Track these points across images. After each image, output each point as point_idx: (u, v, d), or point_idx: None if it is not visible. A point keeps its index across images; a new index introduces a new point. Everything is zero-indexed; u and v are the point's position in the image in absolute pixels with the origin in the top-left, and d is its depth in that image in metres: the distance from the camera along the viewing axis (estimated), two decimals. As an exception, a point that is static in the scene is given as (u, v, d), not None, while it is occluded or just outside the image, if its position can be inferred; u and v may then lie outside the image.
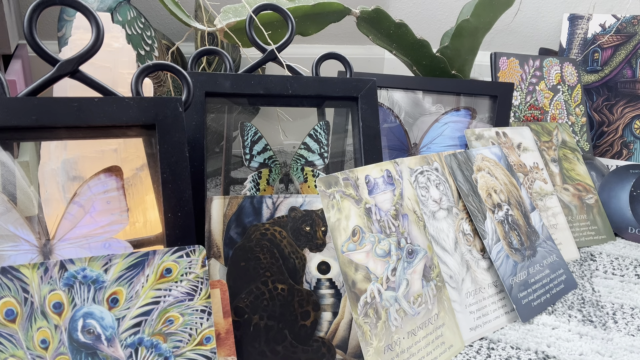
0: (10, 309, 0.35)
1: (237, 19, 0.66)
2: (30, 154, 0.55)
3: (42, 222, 0.46)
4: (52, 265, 0.36)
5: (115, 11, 0.73)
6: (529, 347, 0.52)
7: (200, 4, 0.80)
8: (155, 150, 0.45)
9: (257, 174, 0.61)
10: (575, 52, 1.01)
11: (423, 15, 1.12)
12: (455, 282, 0.53)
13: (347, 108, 0.65)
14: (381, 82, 0.75)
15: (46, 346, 0.35)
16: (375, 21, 0.77)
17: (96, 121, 0.43)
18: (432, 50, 0.82)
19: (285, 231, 0.50)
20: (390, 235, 0.48)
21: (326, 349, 0.47)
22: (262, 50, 0.61)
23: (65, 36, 0.71)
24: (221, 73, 0.57)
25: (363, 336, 0.43)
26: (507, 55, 0.88)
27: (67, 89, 0.49)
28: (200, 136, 0.54)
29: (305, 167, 0.63)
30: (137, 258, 0.38)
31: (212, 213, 0.49)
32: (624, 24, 0.96)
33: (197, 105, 0.54)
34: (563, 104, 0.92)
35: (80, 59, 0.45)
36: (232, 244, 0.48)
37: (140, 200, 0.49)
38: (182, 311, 0.39)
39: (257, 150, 0.61)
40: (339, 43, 1.09)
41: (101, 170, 0.43)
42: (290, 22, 0.62)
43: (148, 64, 0.47)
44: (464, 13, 0.84)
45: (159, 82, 0.79)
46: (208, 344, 0.39)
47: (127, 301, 0.37)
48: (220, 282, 0.42)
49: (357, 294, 0.44)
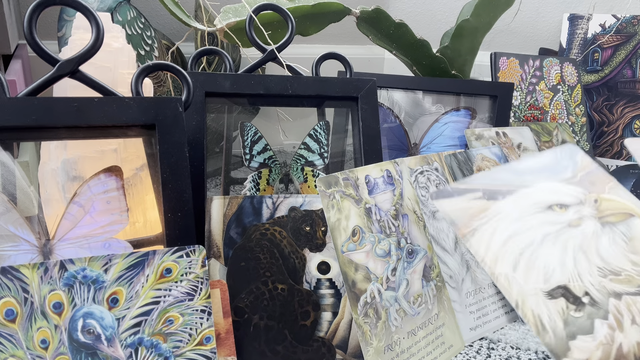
0: (10, 309, 0.35)
1: (237, 19, 0.66)
2: (30, 154, 0.55)
3: (42, 222, 0.46)
4: (52, 265, 0.36)
5: (115, 11, 0.73)
6: (529, 347, 0.52)
7: (200, 4, 0.80)
8: (155, 150, 0.45)
9: (257, 174, 0.61)
10: (575, 52, 1.01)
11: (423, 15, 1.12)
12: (455, 282, 0.53)
13: (347, 108, 0.65)
14: (381, 82, 0.75)
15: (46, 346, 0.35)
16: (375, 21, 0.77)
17: (96, 121, 0.43)
18: (432, 50, 0.82)
19: (285, 231, 0.50)
20: (390, 235, 0.48)
21: (326, 349, 0.47)
22: (262, 50, 0.61)
23: (65, 36, 0.71)
24: (221, 73, 0.57)
25: (363, 336, 0.43)
26: (507, 55, 0.88)
27: (67, 89, 0.49)
28: (200, 136, 0.54)
29: (305, 167, 0.63)
30: (137, 258, 0.38)
31: (212, 213, 0.49)
32: (624, 24, 0.96)
33: (197, 105, 0.54)
34: (563, 104, 0.92)
35: (80, 59, 0.45)
36: (232, 244, 0.48)
37: (140, 200, 0.49)
38: (182, 311, 0.39)
39: (257, 150, 0.61)
40: (339, 43, 1.09)
41: (101, 170, 0.43)
42: (290, 22, 0.62)
43: (148, 64, 0.47)
44: (464, 13, 0.84)
45: (159, 82, 0.79)
46: (208, 344, 0.39)
47: (127, 301, 0.37)
48: (220, 282, 0.42)
49: (357, 294, 0.44)
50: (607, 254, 0.37)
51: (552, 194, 0.41)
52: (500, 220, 0.38)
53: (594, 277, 0.36)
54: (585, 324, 0.34)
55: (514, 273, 0.35)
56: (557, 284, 0.35)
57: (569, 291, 0.35)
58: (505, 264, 0.36)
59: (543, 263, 0.36)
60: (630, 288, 0.35)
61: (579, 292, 0.35)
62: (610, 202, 0.40)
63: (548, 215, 0.39)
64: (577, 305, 0.34)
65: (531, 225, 0.38)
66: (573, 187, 0.41)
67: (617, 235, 0.38)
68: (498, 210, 0.39)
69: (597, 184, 0.41)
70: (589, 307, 0.34)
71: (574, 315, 0.34)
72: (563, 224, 0.39)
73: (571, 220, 0.39)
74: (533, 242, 0.37)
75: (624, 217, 0.39)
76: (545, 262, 0.36)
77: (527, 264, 0.36)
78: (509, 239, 0.37)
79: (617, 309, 0.34)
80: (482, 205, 0.39)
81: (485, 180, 0.41)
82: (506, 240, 0.37)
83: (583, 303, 0.35)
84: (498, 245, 0.37)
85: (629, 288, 0.35)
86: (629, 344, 0.33)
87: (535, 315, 0.34)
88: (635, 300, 0.34)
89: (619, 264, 0.37)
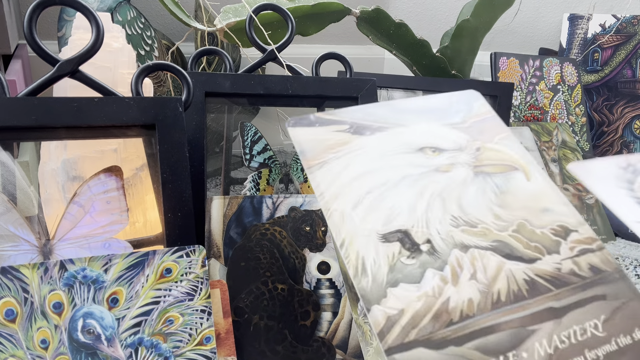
0: (10, 309, 0.35)
1: (237, 19, 0.66)
2: (30, 154, 0.55)
3: (42, 222, 0.46)
4: (52, 265, 0.36)
5: (115, 11, 0.73)
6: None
7: (200, 4, 0.80)
8: (155, 150, 0.45)
9: (257, 174, 0.61)
10: (575, 52, 1.01)
11: (423, 15, 1.12)
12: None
13: (347, 108, 0.65)
14: (381, 82, 0.75)
15: (46, 346, 0.35)
16: (375, 21, 0.77)
17: (96, 121, 0.43)
18: (432, 50, 0.82)
19: (285, 231, 0.50)
20: (390, 235, 0.48)
21: (326, 349, 0.47)
22: (262, 50, 0.61)
23: (65, 36, 0.71)
24: (221, 73, 0.57)
25: (363, 336, 0.43)
26: (507, 55, 0.88)
27: (67, 89, 0.49)
28: (200, 136, 0.54)
29: (305, 167, 0.63)
30: (137, 258, 0.38)
31: (212, 213, 0.49)
32: (624, 24, 0.96)
33: (197, 105, 0.54)
34: (563, 104, 0.92)
35: (80, 59, 0.44)
36: (232, 244, 0.48)
37: (140, 200, 0.49)
38: (182, 311, 0.39)
39: (257, 150, 0.61)
40: (339, 43, 1.09)
41: (101, 170, 0.43)
42: (290, 22, 0.62)
43: (148, 64, 0.47)
44: (464, 13, 0.84)
45: (159, 82, 0.79)
46: (208, 344, 0.39)
47: (127, 301, 0.37)
48: (220, 282, 0.42)
49: (357, 294, 0.44)
50: (469, 203, 0.34)
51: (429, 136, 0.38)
52: (358, 157, 0.35)
53: (444, 225, 0.33)
54: (415, 272, 0.31)
55: (352, 211, 0.33)
56: (397, 228, 0.32)
57: (409, 236, 0.32)
58: (345, 200, 0.33)
59: (390, 204, 0.33)
60: (483, 242, 0.32)
61: (420, 239, 0.32)
62: (494, 152, 0.37)
63: (416, 157, 0.36)
64: (412, 252, 0.32)
65: (392, 165, 0.35)
66: (456, 132, 0.38)
67: (488, 187, 0.35)
68: (360, 146, 0.36)
69: (486, 132, 0.38)
70: (425, 256, 0.32)
71: (404, 262, 0.31)
72: (429, 168, 0.36)
73: (440, 165, 0.36)
74: (387, 182, 0.34)
75: (504, 169, 0.36)
76: (393, 204, 0.33)
77: (372, 203, 0.33)
78: (360, 176, 0.34)
79: (458, 262, 0.31)
80: (342, 139, 0.36)
81: (358, 114, 0.38)
82: (356, 178, 0.34)
83: (420, 251, 0.32)
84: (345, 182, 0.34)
85: (481, 242, 0.32)
86: (459, 299, 0.30)
87: (359, 257, 0.31)
88: (483, 255, 0.32)
89: (478, 216, 0.33)
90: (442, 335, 0.28)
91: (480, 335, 0.28)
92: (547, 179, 0.36)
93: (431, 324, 0.29)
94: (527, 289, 0.30)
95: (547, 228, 0.33)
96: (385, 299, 0.30)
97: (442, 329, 0.28)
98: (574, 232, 0.33)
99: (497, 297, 0.30)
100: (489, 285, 0.30)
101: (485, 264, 0.31)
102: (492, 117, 0.39)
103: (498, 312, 0.29)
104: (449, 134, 0.38)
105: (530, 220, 0.34)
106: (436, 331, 0.28)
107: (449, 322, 0.29)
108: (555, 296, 0.30)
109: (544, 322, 0.29)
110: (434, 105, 0.40)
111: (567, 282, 0.31)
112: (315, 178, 0.34)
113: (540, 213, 0.34)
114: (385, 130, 0.37)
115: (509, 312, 0.29)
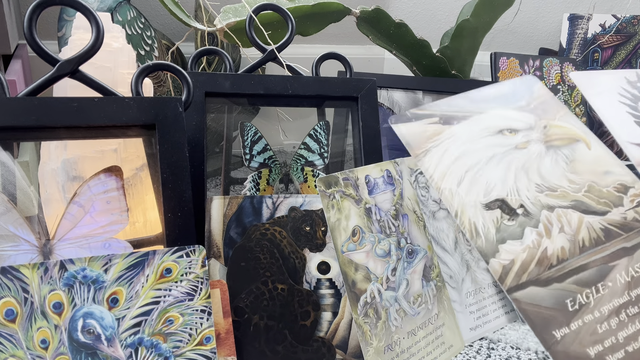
0: (10, 309, 0.35)
1: (237, 19, 0.66)
2: (30, 154, 0.55)
3: (42, 222, 0.46)
4: (52, 265, 0.36)
5: (115, 11, 0.73)
6: (529, 347, 0.52)
7: (200, 4, 0.80)
8: (155, 150, 0.45)
9: (257, 174, 0.61)
10: (575, 52, 1.01)
11: (423, 15, 1.12)
12: (455, 282, 0.53)
13: (347, 108, 0.65)
14: (381, 82, 0.75)
15: (46, 346, 0.35)
16: (375, 21, 0.77)
17: (96, 121, 0.43)
18: (432, 50, 0.82)
19: (285, 231, 0.50)
20: (390, 235, 0.48)
21: (326, 349, 0.47)
22: (262, 50, 0.61)
23: (65, 36, 0.71)
24: (221, 73, 0.57)
25: (363, 336, 0.43)
26: (507, 55, 0.88)
27: (67, 89, 0.49)
28: (200, 136, 0.54)
29: (305, 167, 0.63)
30: (137, 258, 0.38)
31: (212, 213, 0.49)
32: (624, 24, 0.96)
33: (197, 105, 0.54)
34: (563, 104, 0.92)
35: (80, 59, 0.45)
36: (232, 244, 0.48)
37: (140, 200, 0.49)
38: (182, 311, 0.39)
39: (257, 150, 0.61)
40: (339, 43, 1.09)
41: (101, 170, 0.43)
42: (290, 22, 0.62)
43: (148, 64, 0.47)
44: (464, 13, 0.84)
45: (159, 82, 0.79)
46: (208, 344, 0.39)
47: (127, 301, 0.37)
48: (220, 282, 0.42)
49: (357, 294, 0.44)
50: (547, 172, 0.42)
51: (504, 119, 0.46)
52: (452, 143, 0.44)
53: (531, 192, 0.41)
54: (516, 231, 0.39)
55: (457, 188, 0.41)
56: (495, 198, 0.41)
57: (506, 204, 0.40)
58: (451, 179, 0.41)
59: (486, 180, 0.41)
60: (564, 202, 0.41)
61: (515, 204, 0.41)
62: (559, 128, 0.45)
63: (497, 138, 0.44)
64: (511, 216, 0.40)
65: (480, 147, 0.43)
66: (525, 114, 0.46)
67: (560, 157, 0.43)
68: (451, 134, 0.44)
69: (549, 112, 0.46)
70: (522, 218, 0.40)
71: (506, 224, 0.40)
72: (510, 146, 0.44)
73: (518, 143, 0.44)
74: (479, 161, 0.42)
75: (569, 141, 0.44)
76: (488, 178, 0.41)
77: (472, 180, 0.41)
78: (458, 158, 0.42)
79: (548, 220, 0.40)
80: (437, 129, 0.44)
81: (443, 107, 0.46)
82: (455, 160, 0.42)
83: (517, 214, 0.40)
84: (447, 164, 0.42)
85: (562, 202, 0.41)
86: (554, 247, 0.38)
87: (471, 223, 0.39)
88: (566, 213, 0.40)
89: (556, 182, 0.42)
90: (546, 276, 0.37)
91: (575, 273, 0.37)
92: (603, 147, 0.44)
93: (537, 268, 0.37)
94: (604, 235, 0.39)
95: (611, 187, 0.42)
96: (498, 253, 0.38)
97: (546, 271, 0.37)
98: (632, 188, 0.42)
99: (583, 243, 0.39)
100: (574, 235, 0.39)
101: (569, 219, 0.40)
102: (551, 98, 0.47)
103: (585, 254, 0.38)
104: (519, 116, 0.46)
105: (596, 182, 0.42)
106: (541, 273, 0.37)
107: (549, 266, 0.38)
108: (626, 239, 0.39)
109: (620, 259, 0.38)
110: (501, 92, 0.48)
111: (632, 227, 0.40)
112: (423, 164, 0.43)
113: (603, 175, 0.43)
114: (468, 118, 0.46)
115: (593, 254, 0.38)
